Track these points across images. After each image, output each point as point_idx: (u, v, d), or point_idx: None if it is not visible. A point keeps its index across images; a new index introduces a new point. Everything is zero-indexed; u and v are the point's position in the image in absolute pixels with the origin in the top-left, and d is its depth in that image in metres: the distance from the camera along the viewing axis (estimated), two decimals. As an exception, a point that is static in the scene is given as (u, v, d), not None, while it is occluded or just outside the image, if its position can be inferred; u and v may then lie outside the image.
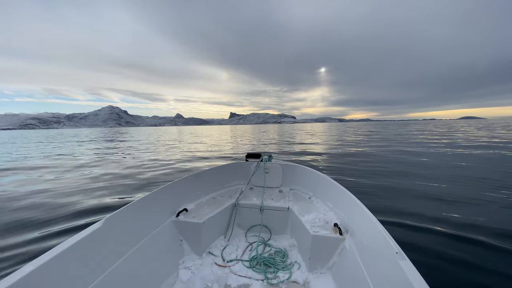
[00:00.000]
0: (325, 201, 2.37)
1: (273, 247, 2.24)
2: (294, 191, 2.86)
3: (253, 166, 3.08)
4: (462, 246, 2.66)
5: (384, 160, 8.45)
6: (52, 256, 1.17)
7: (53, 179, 6.63)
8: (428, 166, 7.26)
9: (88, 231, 1.40)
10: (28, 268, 1.07)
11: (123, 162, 9.26)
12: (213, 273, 1.89)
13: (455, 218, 3.40)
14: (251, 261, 1.99)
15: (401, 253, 1.11)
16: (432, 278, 1.93)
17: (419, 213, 3.55)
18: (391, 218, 3.38)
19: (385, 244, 1.24)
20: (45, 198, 4.85)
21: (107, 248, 1.49)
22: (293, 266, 1.94)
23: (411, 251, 2.29)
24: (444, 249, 2.61)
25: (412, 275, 0.98)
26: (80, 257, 1.31)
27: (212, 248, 2.22)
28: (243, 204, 2.58)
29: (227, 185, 3.06)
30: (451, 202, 4.05)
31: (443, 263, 2.39)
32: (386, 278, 1.19)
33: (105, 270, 1.43)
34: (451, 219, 3.33)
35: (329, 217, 2.09)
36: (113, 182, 6.04)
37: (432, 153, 9.91)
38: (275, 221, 2.48)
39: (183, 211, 2.25)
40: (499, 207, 3.79)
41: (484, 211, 3.63)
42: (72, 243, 1.28)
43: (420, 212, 3.56)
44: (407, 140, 16.54)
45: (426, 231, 3.05)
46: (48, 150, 15.55)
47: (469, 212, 3.59)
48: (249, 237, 2.45)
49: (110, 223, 1.54)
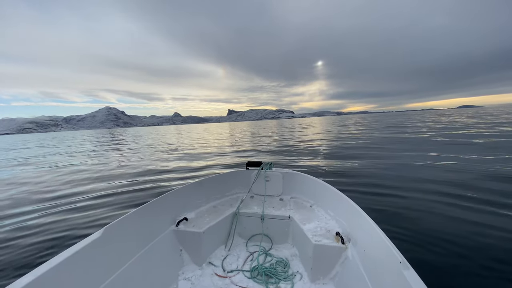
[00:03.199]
0: (327, 209, 2.35)
1: (274, 257, 2.20)
2: (295, 200, 2.84)
3: (253, 174, 3.07)
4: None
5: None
6: (50, 266, 1.15)
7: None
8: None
9: (88, 240, 1.39)
10: (25, 280, 1.06)
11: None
12: (214, 284, 1.85)
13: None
14: (252, 272, 1.95)
15: (405, 263, 1.10)
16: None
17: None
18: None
19: (389, 253, 1.22)
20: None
21: (106, 258, 1.48)
22: (294, 276, 1.90)
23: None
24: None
25: (417, 285, 0.96)
26: (79, 267, 1.29)
27: (213, 258, 2.19)
28: (244, 212, 2.56)
29: (228, 193, 3.04)
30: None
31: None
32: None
33: (104, 280, 1.41)
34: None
35: (330, 226, 2.06)
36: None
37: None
38: (276, 230, 2.45)
39: (183, 220, 2.23)
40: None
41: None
42: (71, 253, 1.26)
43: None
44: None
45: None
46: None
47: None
48: (250, 246, 2.41)
49: (109, 233, 1.53)
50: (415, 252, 2.56)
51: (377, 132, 19.24)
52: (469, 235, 2.83)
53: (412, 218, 3.34)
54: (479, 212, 3.39)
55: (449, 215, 3.36)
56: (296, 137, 18.81)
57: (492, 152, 7.64)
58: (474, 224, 3.08)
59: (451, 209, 3.55)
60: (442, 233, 2.90)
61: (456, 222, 3.14)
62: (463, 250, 2.54)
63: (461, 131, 15.11)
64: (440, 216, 3.36)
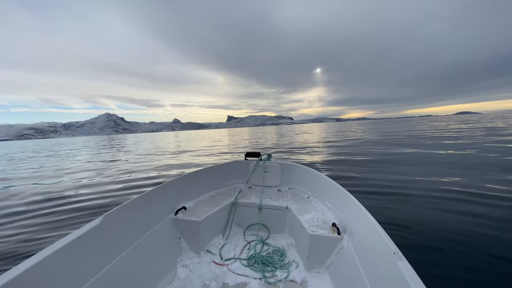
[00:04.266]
0: (324, 200, 2.38)
1: (271, 246, 2.24)
2: (293, 191, 2.86)
3: (252, 165, 3.08)
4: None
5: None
6: (50, 252, 1.17)
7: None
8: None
9: (87, 228, 1.40)
10: (25, 265, 1.07)
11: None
12: (211, 271, 1.89)
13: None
14: (249, 260, 2.00)
15: (399, 254, 1.12)
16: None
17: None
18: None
19: (383, 244, 1.24)
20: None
21: (105, 245, 1.49)
22: (291, 265, 1.95)
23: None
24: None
25: (409, 276, 0.98)
26: (78, 254, 1.31)
27: (211, 246, 2.23)
28: (242, 203, 2.58)
29: (226, 183, 3.06)
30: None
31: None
32: (384, 278, 1.19)
33: (103, 267, 1.43)
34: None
35: (327, 217, 2.09)
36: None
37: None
38: (274, 220, 2.48)
39: (181, 209, 2.25)
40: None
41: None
42: (70, 240, 1.28)
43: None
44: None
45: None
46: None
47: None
48: (248, 235, 2.46)
49: (108, 220, 1.54)
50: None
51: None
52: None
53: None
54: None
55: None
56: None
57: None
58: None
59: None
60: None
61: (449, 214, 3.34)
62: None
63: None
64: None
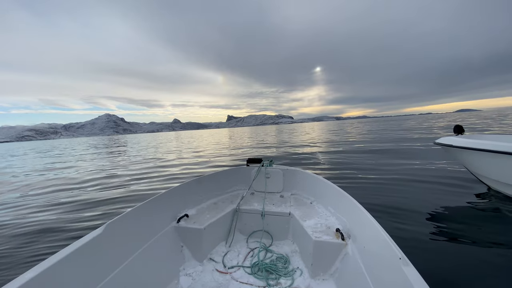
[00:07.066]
0: (327, 206, 2.36)
1: (274, 253, 2.21)
2: (295, 196, 2.85)
3: (254, 171, 3.07)
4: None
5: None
6: (53, 262, 1.17)
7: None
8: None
9: (89, 237, 1.40)
10: (29, 275, 1.07)
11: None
12: (214, 279, 1.86)
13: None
14: (253, 268, 1.97)
15: (405, 259, 1.10)
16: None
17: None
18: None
19: (388, 250, 1.22)
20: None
21: (107, 254, 1.49)
22: (295, 272, 1.92)
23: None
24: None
25: (416, 282, 0.97)
26: (80, 264, 1.30)
27: (213, 254, 2.20)
28: (244, 209, 2.57)
29: (228, 190, 3.05)
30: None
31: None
32: (390, 284, 1.17)
33: (106, 277, 1.42)
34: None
35: (330, 222, 2.07)
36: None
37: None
38: (277, 226, 2.46)
39: (184, 217, 2.24)
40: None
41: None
42: (73, 249, 1.27)
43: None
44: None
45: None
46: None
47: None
48: (251, 243, 2.43)
49: (111, 229, 1.54)
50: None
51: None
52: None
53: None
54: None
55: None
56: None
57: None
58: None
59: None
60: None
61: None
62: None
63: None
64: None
